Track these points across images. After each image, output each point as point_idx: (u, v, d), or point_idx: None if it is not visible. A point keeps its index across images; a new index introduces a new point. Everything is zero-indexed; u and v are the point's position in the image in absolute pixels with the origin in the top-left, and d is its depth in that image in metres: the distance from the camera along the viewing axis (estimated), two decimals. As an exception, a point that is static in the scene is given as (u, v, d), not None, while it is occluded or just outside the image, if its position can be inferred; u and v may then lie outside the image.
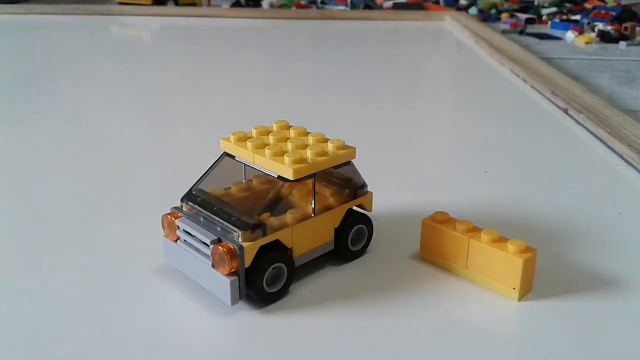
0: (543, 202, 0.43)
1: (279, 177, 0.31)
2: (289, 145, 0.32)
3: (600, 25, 1.20)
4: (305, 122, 0.41)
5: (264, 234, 0.30)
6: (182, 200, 0.33)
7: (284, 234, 0.31)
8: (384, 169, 0.49)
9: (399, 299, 0.31)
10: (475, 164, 0.51)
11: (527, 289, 0.32)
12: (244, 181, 0.35)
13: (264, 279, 0.30)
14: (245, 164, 0.33)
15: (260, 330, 0.29)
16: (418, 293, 0.32)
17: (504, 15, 1.38)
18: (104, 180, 0.47)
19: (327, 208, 0.33)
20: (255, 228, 0.29)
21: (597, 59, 0.98)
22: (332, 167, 0.33)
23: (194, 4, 1.66)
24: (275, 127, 0.35)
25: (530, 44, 1.09)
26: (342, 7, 1.62)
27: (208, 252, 0.30)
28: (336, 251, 0.34)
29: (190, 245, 0.31)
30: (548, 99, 0.70)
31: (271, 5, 1.61)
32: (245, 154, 0.32)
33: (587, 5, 1.51)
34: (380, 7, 1.59)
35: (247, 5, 1.63)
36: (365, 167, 0.37)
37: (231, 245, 0.29)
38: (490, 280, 0.32)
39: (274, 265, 0.30)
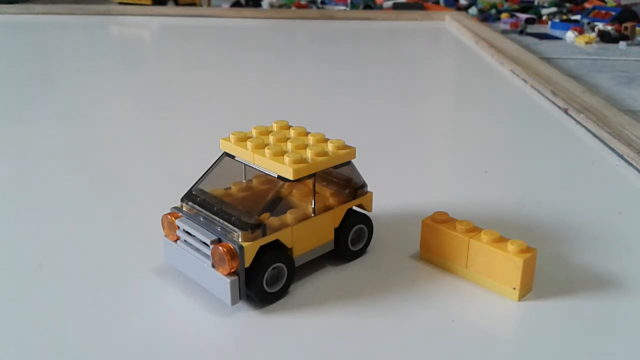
0: (543, 202, 0.43)
1: (279, 177, 0.31)
2: (289, 145, 0.32)
3: (600, 25, 1.20)
4: (305, 122, 0.41)
5: (264, 234, 0.30)
6: (182, 200, 0.33)
7: (284, 234, 0.31)
8: (384, 169, 0.49)
9: (399, 299, 0.31)
10: (475, 164, 0.51)
11: (527, 289, 0.32)
12: (244, 181, 0.35)
13: (264, 279, 0.30)
14: (245, 164, 0.33)
15: (260, 330, 0.29)
16: (418, 293, 0.32)
17: (504, 15, 1.38)
18: (103, 180, 0.47)
19: (327, 208, 0.33)
20: (255, 228, 0.29)
21: (597, 59, 0.98)
22: (332, 167, 0.33)
23: (194, 4, 1.66)
24: (275, 127, 0.35)
25: (530, 44, 1.09)
26: (342, 7, 1.62)
27: (208, 252, 0.30)
28: (336, 251, 0.34)
29: (190, 245, 0.31)
30: (548, 99, 0.70)
31: (271, 5, 1.61)
32: (245, 154, 0.32)
33: (587, 5, 1.51)
34: (380, 7, 1.59)
35: (247, 5, 1.63)
36: (365, 167, 0.38)
37: (231, 245, 0.29)
38: (490, 280, 0.32)
39: (274, 265, 0.30)
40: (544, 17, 1.42)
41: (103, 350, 0.28)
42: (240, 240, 0.29)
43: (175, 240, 0.32)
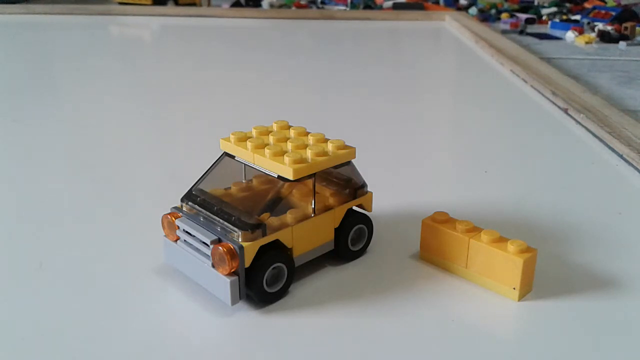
0: (543, 202, 0.43)
1: (279, 177, 0.31)
2: (289, 145, 0.32)
3: (600, 25, 1.20)
4: (305, 122, 0.41)
5: (264, 234, 0.30)
6: (182, 200, 0.33)
7: (284, 234, 0.31)
8: (384, 169, 0.49)
9: (399, 299, 0.31)
10: (475, 164, 0.51)
11: (527, 289, 0.32)
12: (244, 181, 0.35)
13: (264, 279, 0.30)
14: (245, 164, 0.33)
15: (260, 330, 0.29)
16: (418, 293, 0.32)
17: (504, 15, 1.38)
18: (104, 180, 0.47)
19: (327, 208, 0.33)
20: (255, 228, 0.29)
21: (597, 59, 0.98)
22: (332, 167, 0.33)
23: (194, 4, 1.66)
24: (275, 127, 0.35)
25: (530, 44, 1.09)
26: (342, 7, 1.62)
27: (208, 252, 0.30)
28: (336, 251, 0.34)
29: (190, 245, 0.31)
30: (548, 99, 0.70)
31: (271, 5, 1.61)
32: (245, 154, 0.32)
33: (587, 5, 1.51)
34: (380, 7, 1.59)
35: (247, 5, 1.63)
36: (365, 167, 0.38)
37: (231, 245, 0.29)
38: (490, 280, 0.32)
39: (274, 265, 0.30)
40: (544, 17, 1.42)
41: (103, 350, 0.28)
42: (240, 240, 0.29)
43: (175, 240, 0.32)
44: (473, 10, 1.50)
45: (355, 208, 0.35)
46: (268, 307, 0.31)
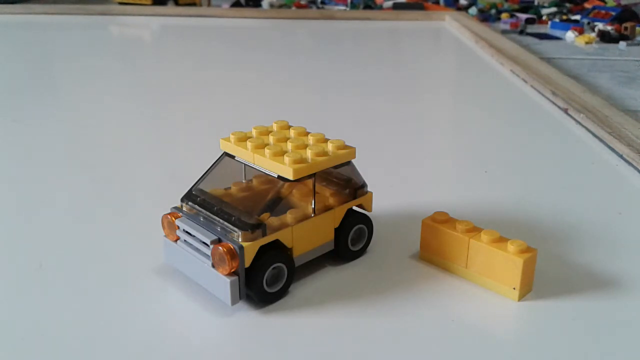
0: (543, 202, 0.43)
1: (279, 177, 0.31)
2: (289, 145, 0.32)
3: (600, 25, 1.20)
4: (305, 122, 0.41)
5: (264, 234, 0.30)
6: (182, 200, 0.33)
7: (284, 234, 0.31)
8: (384, 169, 0.49)
9: (399, 299, 0.31)
10: (475, 164, 0.51)
11: (527, 289, 0.32)
12: (244, 181, 0.35)
13: (264, 279, 0.30)
14: (245, 164, 0.33)
15: (260, 330, 0.29)
16: (418, 293, 0.32)
17: (504, 15, 1.38)
18: (103, 180, 0.47)
19: (327, 208, 0.33)
20: (255, 228, 0.29)
21: (597, 59, 0.98)
22: (332, 167, 0.33)
23: (194, 4, 1.66)
24: (275, 127, 0.35)
25: (530, 44, 1.09)
26: (342, 7, 1.62)
27: (208, 252, 0.30)
28: (336, 251, 0.34)
29: (190, 245, 0.31)
30: (548, 99, 0.70)
31: (271, 5, 1.60)
32: (245, 154, 0.32)
33: (587, 5, 1.51)
34: (380, 7, 1.59)
35: (247, 5, 1.63)
36: (365, 167, 0.38)
37: (231, 245, 0.29)
38: (490, 280, 0.32)
39: (274, 265, 0.30)
40: (544, 17, 1.42)
41: (103, 350, 0.28)
42: (240, 240, 0.29)
43: (175, 240, 0.32)
44: (473, 10, 1.49)
45: (355, 208, 0.35)
46: (268, 307, 0.31)
